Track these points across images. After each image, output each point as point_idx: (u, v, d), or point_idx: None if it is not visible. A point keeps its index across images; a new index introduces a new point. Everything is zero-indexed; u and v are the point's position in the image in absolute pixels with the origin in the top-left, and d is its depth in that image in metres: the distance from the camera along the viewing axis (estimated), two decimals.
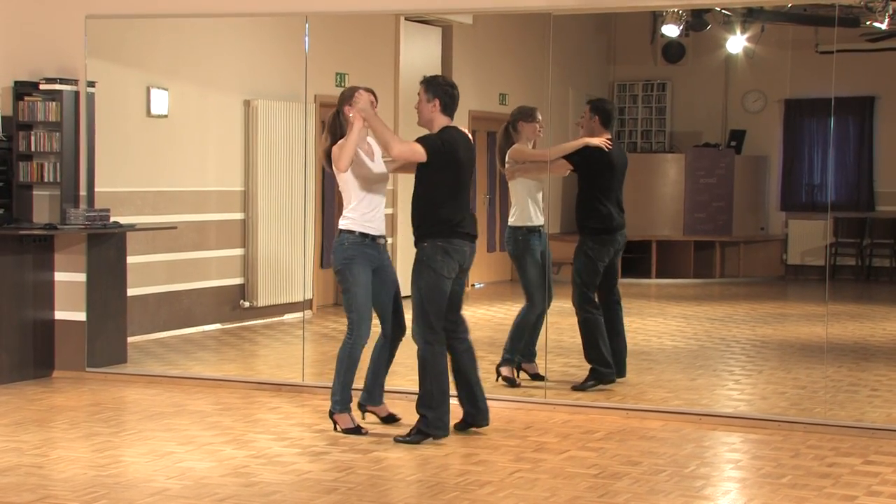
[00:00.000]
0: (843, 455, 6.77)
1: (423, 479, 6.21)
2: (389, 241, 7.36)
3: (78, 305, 9.06)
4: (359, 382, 7.33)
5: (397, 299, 7.26)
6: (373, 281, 7.13)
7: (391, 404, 7.45)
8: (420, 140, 6.95)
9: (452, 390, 7.08)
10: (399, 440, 6.93)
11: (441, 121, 7.01)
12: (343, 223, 7.14)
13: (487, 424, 7.19)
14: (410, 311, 7.02)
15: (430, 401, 6.92)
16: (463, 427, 7.20)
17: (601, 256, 8.37)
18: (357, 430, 7.11)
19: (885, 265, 12.55)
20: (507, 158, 8.51)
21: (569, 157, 8.34)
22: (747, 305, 12.32)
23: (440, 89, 7.00)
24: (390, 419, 7.37)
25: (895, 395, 8.47)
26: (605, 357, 8.32)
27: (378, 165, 7.18)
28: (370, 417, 7.37)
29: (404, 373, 7.90)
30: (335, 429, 7.15)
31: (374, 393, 7.34)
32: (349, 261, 7.06)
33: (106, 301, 9.15)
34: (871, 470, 6.44)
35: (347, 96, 7.14)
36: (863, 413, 7.80)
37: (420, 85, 7.09)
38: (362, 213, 7.10)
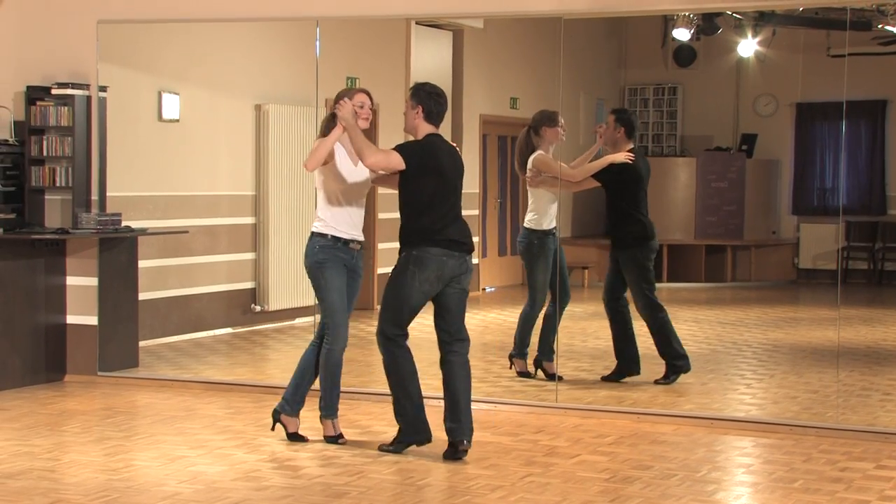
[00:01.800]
0: (856, 460, 6.76)
1: (434, 483, 6.21)
2: (360, 248, 7.08)
3: (90, 309, 9.09)
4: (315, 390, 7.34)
5: (349, 307, 7.07)
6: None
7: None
8: (397, 148, 6.77)
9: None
10: (383, 449, 6.82)
11: (425, 129, 6.81)
12: (315, 225, 6.97)
13: (468, 442, 6.69)
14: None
15: (399, 408, 6.77)
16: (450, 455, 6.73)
17: (649, 262, 8.64)
18: (335, 440, 7.00)
19: None
20: (530, 165, 8.54)
21: (597, 176, 8.47)
22: (759, 309, 12.30)
23: (425, 97, 6.80)
24: (296, 437, 7.09)
25: None
26: (680, 350, 8.62)
27: (360, 170, 6.96)
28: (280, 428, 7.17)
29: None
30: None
31: (292, 402, 7.11)
32: (321, 264, 6.91)
33: (117, 305, 9.17)
34: (884, 474, 6.43)
35: (339, 97, 7.06)
36: (875, 417, 7.78)
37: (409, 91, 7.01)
38: (333, 215, 6.95)
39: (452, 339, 6.77)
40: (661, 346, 8.65)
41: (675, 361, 8.63)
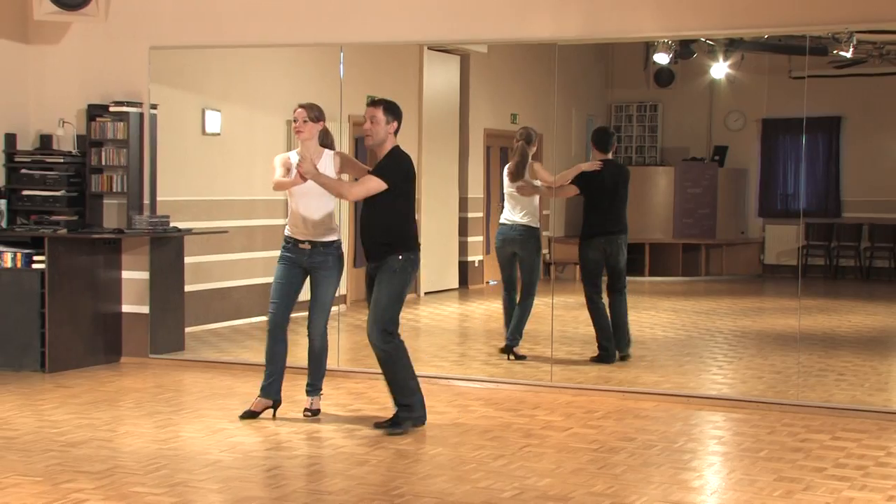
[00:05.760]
0: (814, 432, 6.76)
1: (444, 452, 6.22)
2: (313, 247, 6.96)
3: (142, 300, 9.11)
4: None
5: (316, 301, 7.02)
6: (310, 281, 7.04)
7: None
8: (378, 174, 6.52)
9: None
10: (388, 432, 6.57)
11: (393, 140, 6.62)
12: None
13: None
14: (371, 312, 6.64)
15: (406, 390, 6.65)
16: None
17: (592, 255, 8.73)
18: (250, 415, 6.98)
19: (850, 265, 12.49)
20: (528, 174, 8.69)
21: (573, 182, 8.71)
22: (729, 300, 12.27)
23: (400, 114, 6.65)
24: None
25: (859, 379, 8.45)
26: (609, 334, 8.66)
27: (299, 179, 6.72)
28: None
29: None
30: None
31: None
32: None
33: (166, 296, 9.19)
34: (839, 445, 6.43)
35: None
36: (831, 395, 7.78)
37: (376, 106, 6.62)
38: (289, 218, 6.98)
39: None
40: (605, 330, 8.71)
41: (603, 342, 8.67)
